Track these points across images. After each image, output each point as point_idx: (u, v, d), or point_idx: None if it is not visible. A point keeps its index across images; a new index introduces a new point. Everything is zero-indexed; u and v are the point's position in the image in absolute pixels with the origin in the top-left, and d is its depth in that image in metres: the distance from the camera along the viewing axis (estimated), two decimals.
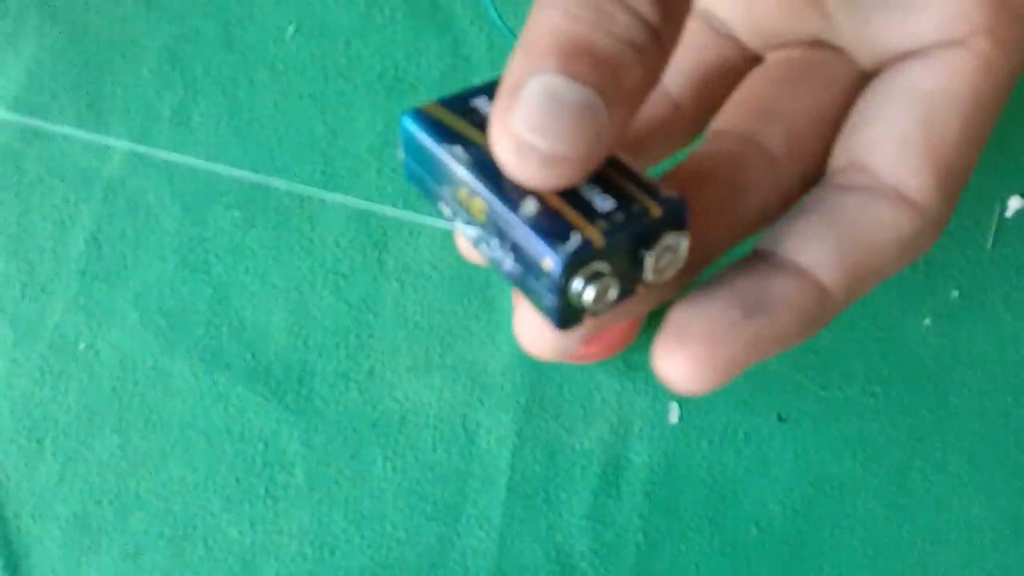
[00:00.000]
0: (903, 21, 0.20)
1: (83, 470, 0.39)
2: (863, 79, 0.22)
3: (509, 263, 0.19)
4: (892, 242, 0.20)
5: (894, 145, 0.20)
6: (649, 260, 0.19)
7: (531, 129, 0.17)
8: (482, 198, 0.19)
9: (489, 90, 0.20)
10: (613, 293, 0.18)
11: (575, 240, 0.17)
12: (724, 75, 0.24)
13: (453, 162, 0.19)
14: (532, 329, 0.20)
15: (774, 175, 0.21)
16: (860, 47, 0.22)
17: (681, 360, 0.19)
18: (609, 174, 0.19)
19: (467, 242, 0.20)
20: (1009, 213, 0.39)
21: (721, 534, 0.38)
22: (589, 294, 0.18)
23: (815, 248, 0.20)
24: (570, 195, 0.18)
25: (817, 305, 0.19)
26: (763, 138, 0.21)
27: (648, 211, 0.18)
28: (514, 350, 0.39)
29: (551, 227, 0.18)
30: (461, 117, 0.20)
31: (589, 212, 0.18)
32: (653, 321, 0.39)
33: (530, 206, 0.18)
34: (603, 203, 0.18)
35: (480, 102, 0.20)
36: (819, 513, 0.39)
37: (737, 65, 0.24)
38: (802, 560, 0.38)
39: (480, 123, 0.19)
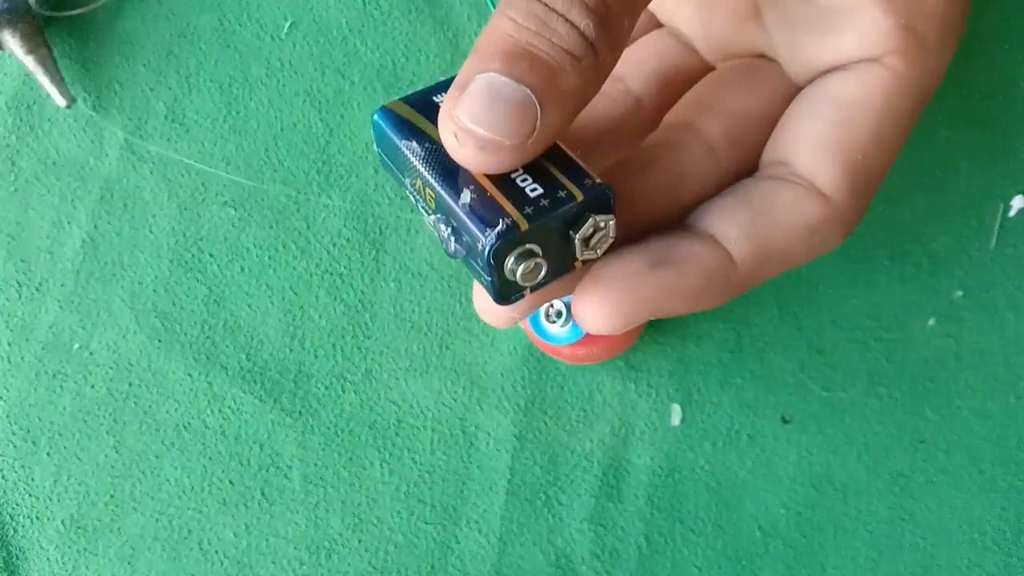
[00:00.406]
0: (827, 41, 0.23)
1: (78, 472, 0.39)
2: (798, 90, 0.25)
3: (454, 244, 0.21)
4: (799, 226, 0.23)
5: (811, 143, 0.23)
6: (577, 240, 0.21)
7: (471, 118, 0.20)
8: (431, 188, 0.21)
9: (448, 86, 0.22)
10: (542, 269, 0.21)
11: (502, 224, 0.20)
12: (682, 78, 0.27)
13: (410, 155, 0.22)
14: (484, 301, 0.23)
15: (713, 163, 0.24)
16: (793, 62, 0.25)
17: (592, 301, 0.22)
18: (545, 164, 0.21)
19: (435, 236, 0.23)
20: (1012, 212, 0.39)
21: (724, 537, 0.38)
22: (520, 271, 0.21)
23: (727, 222, 0.22)
24: (506, 184, 0.21)
25: (722, 270, 0.22)
26: (705, 129, 0.24)
27: (572, 196, 0.21)
28: (514, 351, 0.39)
29: (484, 213, 0.20)
30: (422, 114, 0.23)
31: (519, 199, 0.21)
32: (654, 323, 0.39)
33: (467, 194, 0.21)
34: (532, 191, 0.21)
35: (439, 98, 0.23)
36: (823, 515, 0.38)
37: (694, 71, 0.27)
38: (805, 563, 0.38)
39: (436, 119, 0.21)
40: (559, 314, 0.35)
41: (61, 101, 0.37)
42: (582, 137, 0.25)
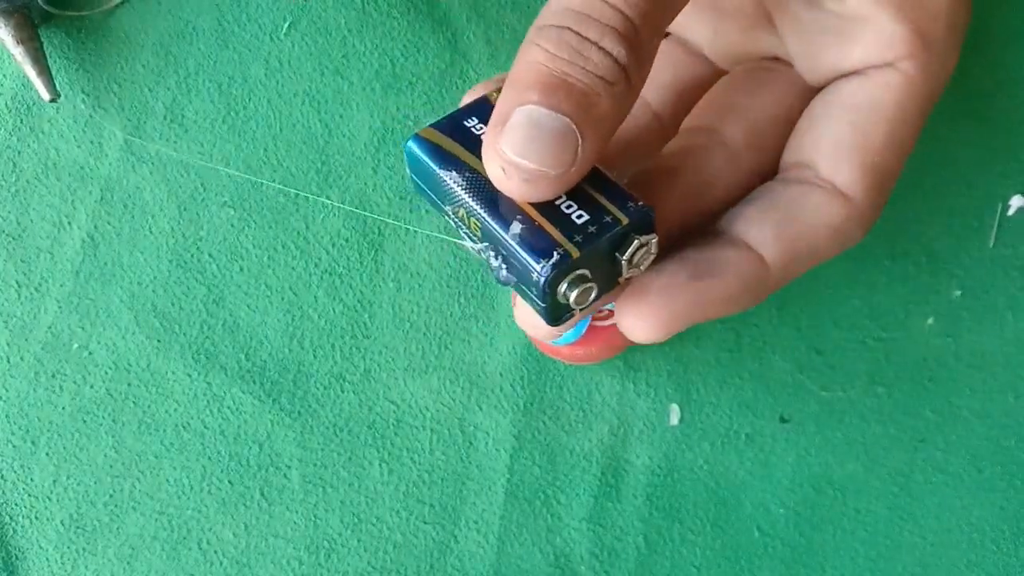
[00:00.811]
0: (842, 49, 0.24)
1: (78, 472, 0.39)
2: (812, 91, 0.25)
3: (504, 272, 0.22)
4: (825, 227, 0.23)
5: (831, 146, 0.24)
6: (623, 261, 0.22)
7: (516, 152, 0.20)
8: (477, 218, 0.22)
9: (476, 110, 0.23)
10: (593, 291, 0.22)
11: (556, 255, 0.21)
12: (697, 89, 0.27)
13: (452, 185, 0.22)
14: (531, 318, 0.24)
15: (735, 166, 0.25)
16: (807, 67, 0.25)
17: (636, 312, 0.23)
18: (586, 188, 0.22)
19: (473, 254, 0.23)
20: (1011, 212, 0.39)
21: (723, 537, 0.38)
22: (573, 295, 0.21)
23: (758, 228, 0.23)
24: (552, 212, 0.22)
25: (757, 274, 0.23)
26: (725, 132, 0.25)
27: (618, 220, 0.21)
28: (513, 351, 0.39)
29: (536, 243, 0.21)
30: (456, 141, 0.23)
31: (567, 226, 0.21)
32: None
33: (516, 225, 0.21)
34: (579, 217, 0.21)
35: (471, 123, 0.23)
36: (821, 515, 0.38)
37: (707, 79, 0.27)
38: (804, 562, 0.38)
39: (472, 146, 0.22)
40: None
41: (46, 95, 0.37)
42: (605, 152, 0.26)
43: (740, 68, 0.27)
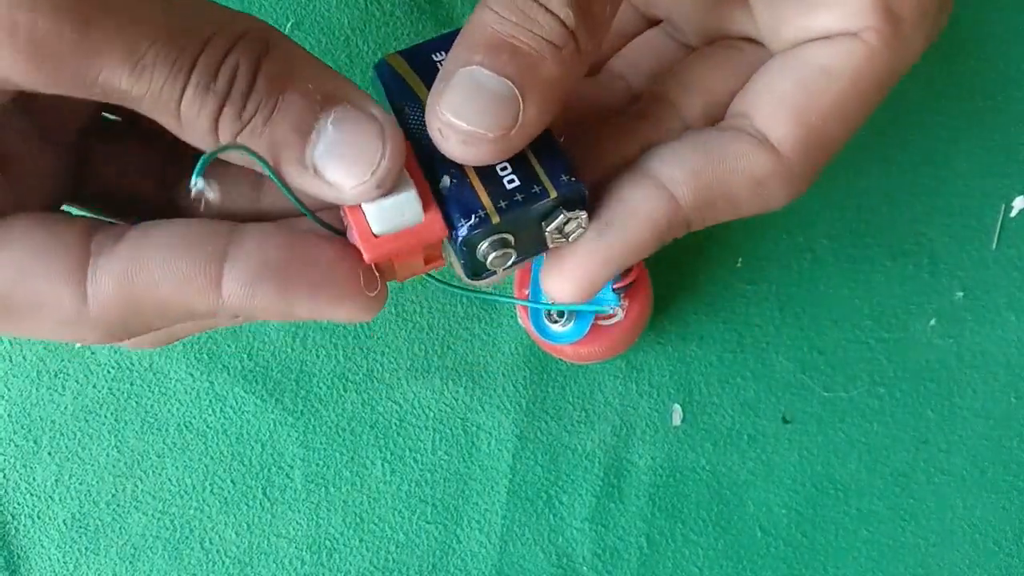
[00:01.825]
0: (809, 16, 0.24)
1: (80, 471, 0.39)
2: None
3: None
4: (745, 175, 0.23)
5: (773, 99, 0.24)
6: (548, 232, 0.22)
7: (454, 112, 0.20)
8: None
9: (448, 43, 0.22)
10: (512, 256, 0.22)
11: (474, 218, 0.21)
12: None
13: (401, 122, 0.22)
14: (458, 267, 0.24)
15: None
16: (774, 36, 0.25)
17: (552, 275, 0.23)
18: (528, 153, 0.22)
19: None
20: (1013, 213, 0.39)
21: (725, 537, 0.38)
22: (491, 257, 0.22)
23: (673, 166, 0.23)
24: (486, 170, 0.21)
25: (666, 215, 0.23)
26: (683, 107, 0.25)
27: (547, 192, 0.21)
28: (515, 351, 0.39)
29: (461, 201, 0.21)
30: (417, 73, 0.23)
31: (496, 190, 0.21)
32: (655, 324, 0.39)
33: (447, 179, 0.21)
34: (510, 182, 0.21)
35: (439, 57, 0.23)
36: (823, 515, 0.38)
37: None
38: (806, 563, 0.38)
39: (431, 81, 0.22)
40: (561, 314, 0.35)
41: None
42: (585, 132, 0.26)
43: (711, 45, 0.27)
